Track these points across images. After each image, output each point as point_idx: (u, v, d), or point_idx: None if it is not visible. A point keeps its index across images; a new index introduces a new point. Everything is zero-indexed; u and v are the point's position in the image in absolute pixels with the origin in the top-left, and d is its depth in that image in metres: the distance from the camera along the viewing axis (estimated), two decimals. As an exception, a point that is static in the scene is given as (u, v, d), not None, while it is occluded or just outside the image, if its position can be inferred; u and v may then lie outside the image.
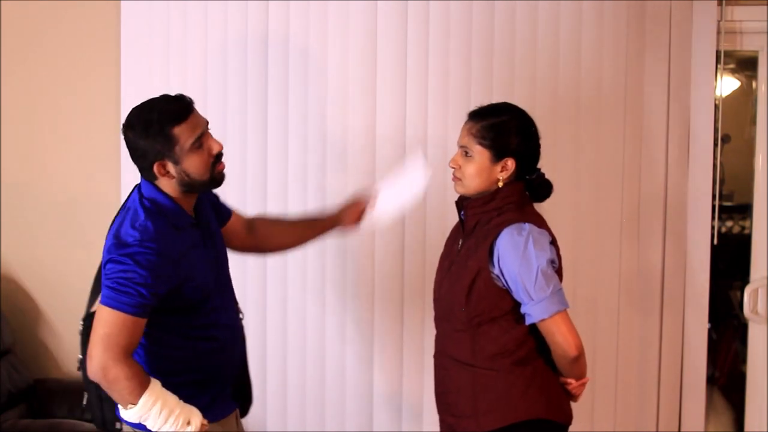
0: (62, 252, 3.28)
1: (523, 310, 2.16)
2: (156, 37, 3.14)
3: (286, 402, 3.20)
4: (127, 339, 2.05)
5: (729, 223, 4.55)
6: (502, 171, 2.21)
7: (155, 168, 2.12)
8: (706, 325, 3.20)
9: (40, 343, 3.35)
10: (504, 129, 2.21)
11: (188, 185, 2.15)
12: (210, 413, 2.21)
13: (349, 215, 2.60)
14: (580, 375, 2.23)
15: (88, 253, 2.93)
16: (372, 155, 3.11)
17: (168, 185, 2.16)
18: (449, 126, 3.06)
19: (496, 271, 2.16)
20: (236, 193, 3.14)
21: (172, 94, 2.18)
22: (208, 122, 2.19)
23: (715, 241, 3.17)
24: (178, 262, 2.11)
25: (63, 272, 3.32)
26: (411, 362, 3.13)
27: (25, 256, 3.35)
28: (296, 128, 3.13)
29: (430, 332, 2.40)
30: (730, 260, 3.87)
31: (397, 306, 3.13)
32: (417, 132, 3.10)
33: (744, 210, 4.31)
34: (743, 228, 4.47)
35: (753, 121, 3.48)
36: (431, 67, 3.08)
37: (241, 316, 2.42)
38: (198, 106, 3.21)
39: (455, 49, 3.07)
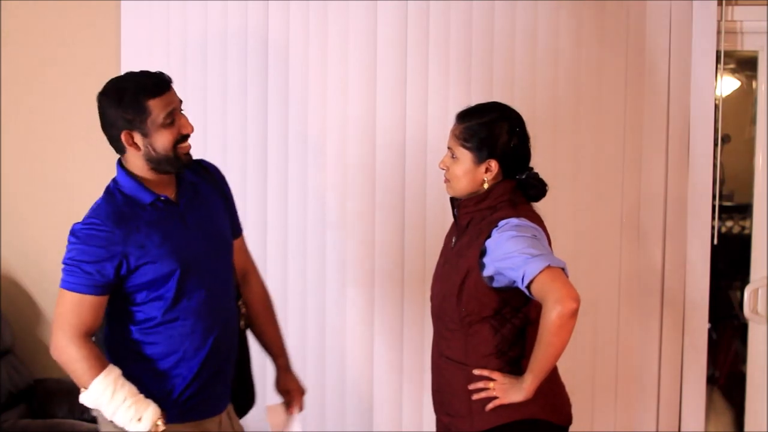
0: (62, 252, 3.26)
1: (518, 278, 2.04)
2: (156, 37, 3.14)
3: (286, 402, 3.20)
4: (79, 318, 2.06)
5: (729, 223, 4.55)
6: (486, 172, 2.19)
7: (123, 137, 2.12)
8: (706, 325, 3.20)
9: (40, 343, 3.34)
10: (485, 131, 2.19)
11: (155, 161, 2.14)
12: (184, 410, 2.16)
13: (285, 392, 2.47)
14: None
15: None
16: (372, 155, 3.11)
17: (136, 159, 2.15)
18: (449, 126, 3.04)
19: (486, 270, 2.12)
20: (236, 193, 3.13)
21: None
22: (182, 101, 2.18)
23: (715, 241, 3.17)
24: (129, 234, 2.09)
25: (63, 272, 3.31)
26: (411, 362, 3.13)
27: (25, 256, 3.35)
28: (296, 128, 3.13)
29: (430, 332, 2.40)
30: (730, 260, 3.87)
31: (397, 305, 3.13)
32: (417, 132, 3.10)
33: (744, 210, 4.30)
34: (743, 228, 4.46)
35: (753, 121, 3.48)
36: (431, 67, 3.08)
37: (242, 309, 2.39)
38: (197, 106, 3.21)
39: (455, 49, 3.07)
